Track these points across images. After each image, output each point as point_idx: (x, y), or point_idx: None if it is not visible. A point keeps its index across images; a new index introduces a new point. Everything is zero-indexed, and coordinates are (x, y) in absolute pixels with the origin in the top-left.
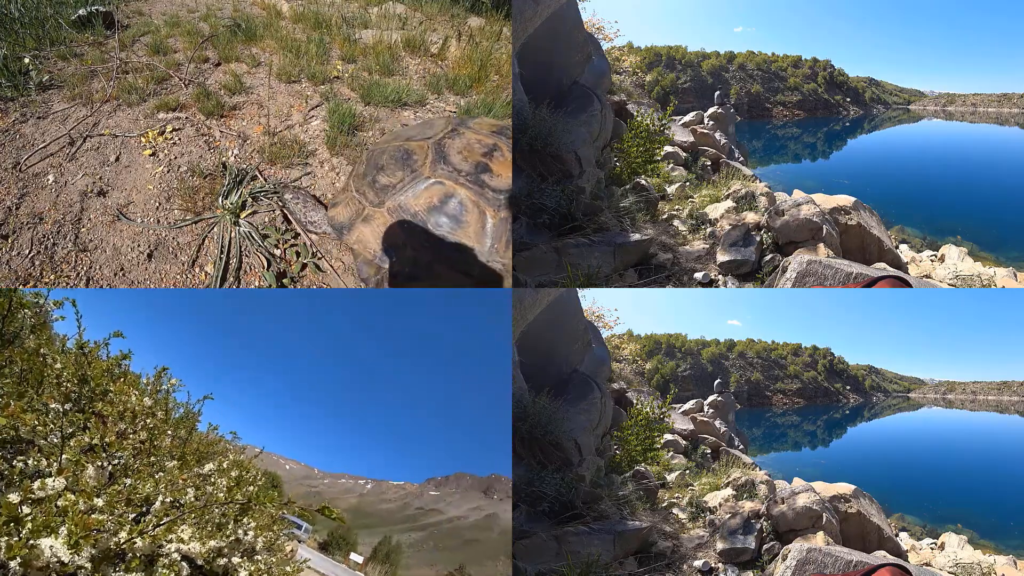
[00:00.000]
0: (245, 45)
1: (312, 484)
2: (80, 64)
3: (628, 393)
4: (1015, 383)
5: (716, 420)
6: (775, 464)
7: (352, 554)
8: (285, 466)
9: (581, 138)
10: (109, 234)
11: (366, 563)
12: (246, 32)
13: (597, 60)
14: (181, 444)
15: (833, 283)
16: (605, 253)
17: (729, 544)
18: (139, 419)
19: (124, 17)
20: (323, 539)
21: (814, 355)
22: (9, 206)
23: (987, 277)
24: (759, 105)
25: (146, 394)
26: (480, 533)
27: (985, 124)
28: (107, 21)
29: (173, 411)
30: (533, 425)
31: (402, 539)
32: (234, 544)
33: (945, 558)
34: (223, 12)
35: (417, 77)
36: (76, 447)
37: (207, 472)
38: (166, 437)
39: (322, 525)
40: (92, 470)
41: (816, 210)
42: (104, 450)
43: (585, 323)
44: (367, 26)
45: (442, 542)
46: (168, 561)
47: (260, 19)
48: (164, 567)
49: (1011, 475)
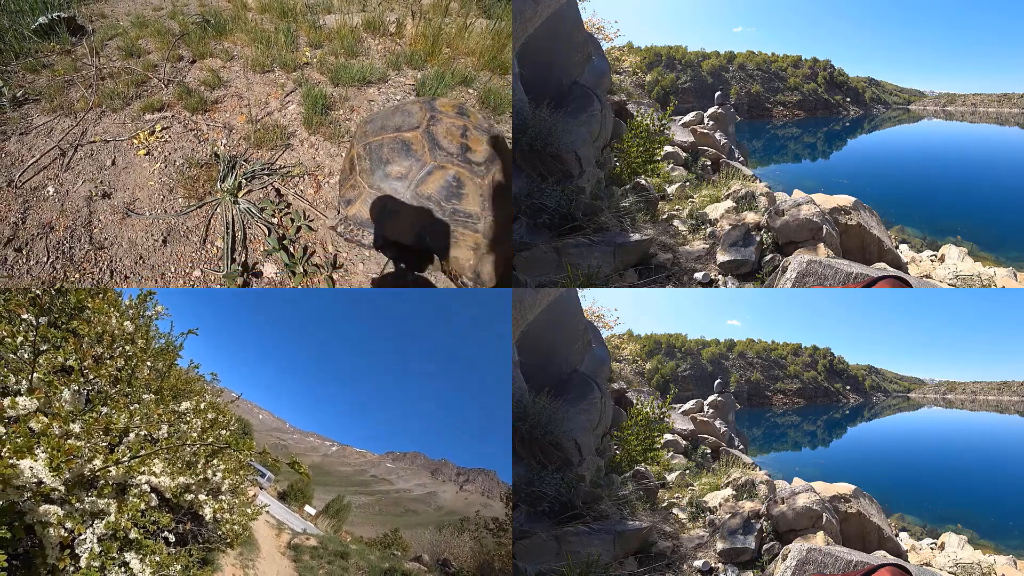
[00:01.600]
0: (217, 40)
1: (281, 437)
2: (52, 75)
3: (628, 393)
4: (1015, 383)
5: (716, 420)
6: (775, 464)
7: (307, 506)
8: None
9: (581, 138)
10: (122, 230)
11: (317, 516)
12: (216, 27)
13: (597, 60)
14: (159, 377)
15: (833, 283)
16: (605, 253)
17: (729, 544)
18: (117, 344)
19: (87, 21)
20: (283, 489)
21: (814, 355)
22: (15, 221)
23: (987, 277)
24: (759, 105)
25: (127, 317)
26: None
27: (985, 124)
28: (71, 27)
29: (154, 340)
30: (533, 425)
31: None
32: (202, 483)
33: (945, 558)
34: (189, 8)
35: (379, 56)
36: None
37: (183, 410)
38: (144, 367)
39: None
40: (68, 394)
41: (816, 210)
42: (82, 374)
43: (585, 323)
44: (330, 11)
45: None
46: (139, 492)
47: (227, 12)
48: (135, 496)
49: (1011, 475)
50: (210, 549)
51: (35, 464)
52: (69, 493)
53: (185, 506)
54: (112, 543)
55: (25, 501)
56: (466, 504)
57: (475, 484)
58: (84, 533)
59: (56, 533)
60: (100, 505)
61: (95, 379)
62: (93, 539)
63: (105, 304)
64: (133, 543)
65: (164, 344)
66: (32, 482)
